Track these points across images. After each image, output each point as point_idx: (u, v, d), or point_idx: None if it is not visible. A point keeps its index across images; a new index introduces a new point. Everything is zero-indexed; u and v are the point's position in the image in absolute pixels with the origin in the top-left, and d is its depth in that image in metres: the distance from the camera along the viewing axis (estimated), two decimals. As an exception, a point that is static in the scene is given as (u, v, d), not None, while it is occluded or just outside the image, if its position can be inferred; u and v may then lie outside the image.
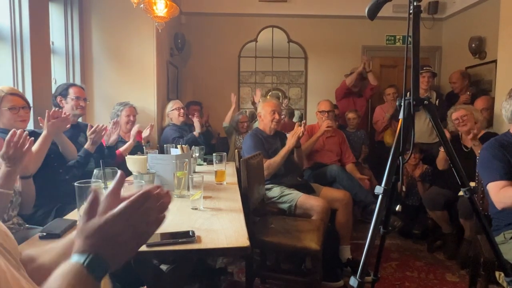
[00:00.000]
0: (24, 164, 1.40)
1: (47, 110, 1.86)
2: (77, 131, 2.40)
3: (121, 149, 2.84)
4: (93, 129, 2.17)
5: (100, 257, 0.54)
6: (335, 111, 3.63)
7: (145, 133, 2.99)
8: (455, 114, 2.75)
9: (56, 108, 1.95)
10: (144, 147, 2.86)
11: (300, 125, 2.56)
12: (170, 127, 3.43)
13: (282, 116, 3.82)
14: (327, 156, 3.20)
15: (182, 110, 3.46)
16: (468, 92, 3.67)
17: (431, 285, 2.34)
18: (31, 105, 2.31)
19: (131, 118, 3.01)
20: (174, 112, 3.45)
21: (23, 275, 0.59)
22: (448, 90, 4.30)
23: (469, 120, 2.68)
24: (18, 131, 1.33)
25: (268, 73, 5.13)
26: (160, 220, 0.63)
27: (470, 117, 2.69)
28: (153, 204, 0.62)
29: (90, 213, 0.59)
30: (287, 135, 2.67)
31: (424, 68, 3.57)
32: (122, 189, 0.64)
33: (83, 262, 0.53)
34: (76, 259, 0.54)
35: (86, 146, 2.19)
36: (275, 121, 2.67)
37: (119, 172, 0.66)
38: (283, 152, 2.51)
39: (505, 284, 2.05)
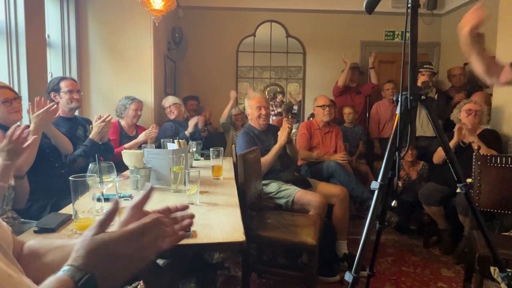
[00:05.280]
0: (19, 164, 1.39)
1: (29, 103, 1.85)
2: (74, 124, 2.38)
3: (127, 145, 2.82)
4: (103, 118, 2.21)
5: (95, 279, 0.50)
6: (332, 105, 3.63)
7: (149, 134, 2.93)
8: (470, 105, 2.76)
9: (38, 97, 1.92)
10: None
11: (287, 120, 2.56)
12: (169, 122, 3.41)
13: (279, 110, 3.81)
14: (325, 151, 3.20)
15: (169, 109, 3.43)
16: (464, 92, 3.68)
17: (427, 280, 2.35)
18: (27, 99, 2.31)
19: (139, 112, 3.03)
20: (166, 110, 3.47)
21: (11, 268, 0.58)
22: (446, 86, 4.31)
23: (478, 115, 2.69)
24: (22, 126, 1.35)
25: (266, 68, 5.11)
26: (159, 247, 0.59)
27: (479, 114, 2.70)
28: (164, 230, 0.60)
29: (103, 226, 0.56)
30: None
31: (425, 67, 3.56)
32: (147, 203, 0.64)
33: (77, 282, 0.49)
34: (69, 273, 0.50)
35: (91, 135, 2.22)
36: (263, 117, 2.62)
37: (149, 185, 0.65)
38: (274, 150, 2.50)
39: (499, 279, 2.08)
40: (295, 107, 4.95)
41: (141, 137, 2.91)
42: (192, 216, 0.68)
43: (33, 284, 0.58)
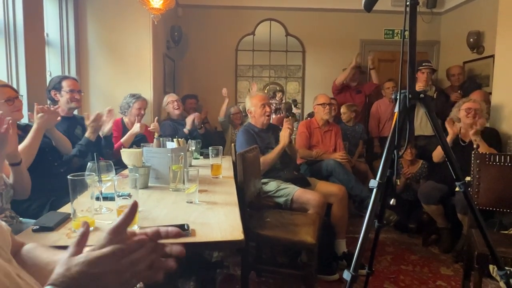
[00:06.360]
0: (11, 151, 1.37)
1: (35, 103, 1.85)
2: (73, 123, 2.38)
3: (123, 139, 2.80)
4: (92, 117, 2.20)
5: None
6: (333, 103, 3.63)
7: (135, 129, 2.85)
8: (468, 103, 2.75)
9: (47, 105, 1.93)
10: (155, 139, 2.83)
11: (288, 121, 2.56)
12: (167, 121, 3.41)
13: (278, 107, 3.80)
14: (325, 149, 3.20)
15: (176, 103, 3.43)
16: (460, 91, 3.68)
17: (426, 278, 2.36)
18: (26, 98, 2.31)
19: (142, 111, 3.01)
20: (169, 106, 3.44)
21: (15, 267, 0.58)
22: (445, 85, 4.31)
23: (477, 114, 2.68)
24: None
25: (266, 67, 5.10)
26: (152, 277, 0.57)
27: (479, 112, 2.69)
28: (147, 254, 0.57)
29: (78, 246, 0.55)
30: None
31: (424, 64, 3.56)
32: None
33: None
34: None
35: (86, 134, 2.22)
36: (267, 113, 2.64)
37: (132, 202, 0.60)
38: (277, 149, 2.49)
39: (498, 278, 2.08)
40: (298, 105, 4.93)
41: (136, 128, 2.81)
42: (182, 252, 0.61)
43: (35, 281, 0.59)
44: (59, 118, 1.91)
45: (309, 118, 3.65)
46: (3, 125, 1.26)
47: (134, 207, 0.59)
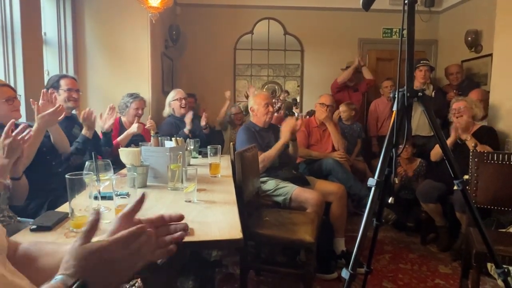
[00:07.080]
0: (17, 164, 1.39)
1: (31, 100, 1.83)
2: (71, 123, 2.37)
3: (119, 138, 2.78)
4: (81, 115, 2.21)
5: (87, 285, 0.52)
6: (334, 106, 3.63)
7: (133, 129, 2.82)
8: (455, 104, 2.77)
9: (45, 90, 1.92)
10: (152, 137, 2.82)
11: (297, 119, 2.56)
12: (169, 119, 3.35)
13: (278, 105, 3.80)
14: (323, 148, 3.21)
15: (183, 101, 3.33)
16: (455, 91, 3.68)
17: (424, 277, 2.36)
18: (24, 97, 2.30)
19: (140, 111, 2.96)
20: (175, 102, 3.33)
21: (9, 270, 0.58)
22: (443, 84, 4.32)
23: (464, 113, 2.67)
24: (22, 125, 1.35)
25: (264, 66, 5.10)
26: (147, 256, 0.61)
27: (467, 110, 2.68)
28: (150, 239, 0.61)
29: (88, 236, 0.56)
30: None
31: (421, 62, 3.56)
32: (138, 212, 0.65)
33: (70, 287, 0.50)
34: (62, 281, 0.51)
35: (83, 132, 2.22)
36: (270, 114, 2.64)
37: (141, 192, 0.66)
38: (278, 145, 2.49)
39: (496, 276, 2.09)
40: (298, 104, 4.92)
41: (133, 128, 2.78)
42: (185, 229, 0.69)
43: (29, 283, 0.58)
44: (61, 117, 1.90)
45: (308, 117, 3.65)
46: (21, 133, 1.28)
47: (143, 197, 0.65)
